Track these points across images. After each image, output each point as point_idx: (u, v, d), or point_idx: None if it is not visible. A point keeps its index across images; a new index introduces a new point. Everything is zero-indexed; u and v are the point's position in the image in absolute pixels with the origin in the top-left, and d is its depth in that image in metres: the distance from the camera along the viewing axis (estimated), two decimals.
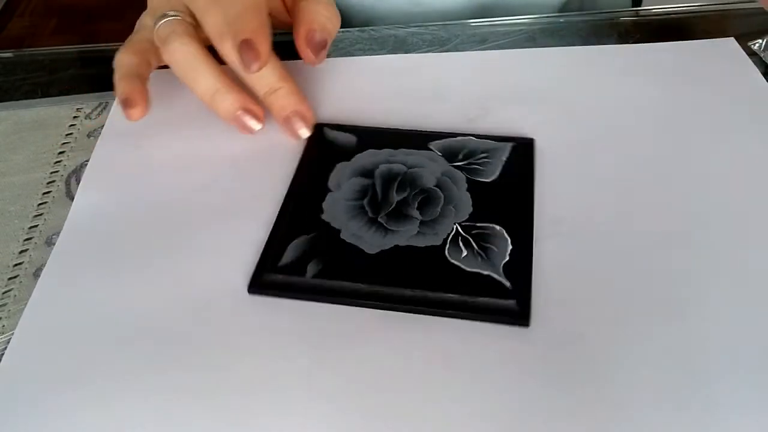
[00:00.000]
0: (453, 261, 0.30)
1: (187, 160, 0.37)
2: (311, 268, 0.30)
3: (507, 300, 0.29)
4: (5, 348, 0.29)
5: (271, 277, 0.30)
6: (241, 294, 0.30)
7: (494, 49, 0.42)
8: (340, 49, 0.44)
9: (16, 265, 0.32)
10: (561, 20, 0.44)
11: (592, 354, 0.27)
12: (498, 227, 0.31)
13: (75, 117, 0.40)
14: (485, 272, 0.29)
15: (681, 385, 0.26)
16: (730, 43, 0.41)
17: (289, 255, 0.31)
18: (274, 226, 0.32)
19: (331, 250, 0.31)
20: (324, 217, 0.32)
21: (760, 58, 0.40)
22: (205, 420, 0.26)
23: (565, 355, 0.27)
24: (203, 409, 0.26)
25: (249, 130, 0.36)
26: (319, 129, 0.37)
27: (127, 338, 0.29)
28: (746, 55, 0.39)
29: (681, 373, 0.26)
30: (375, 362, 0.27)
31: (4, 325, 0.30)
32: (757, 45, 0.41)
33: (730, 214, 0.32)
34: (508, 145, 0.35)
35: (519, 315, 0.28)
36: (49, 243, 0.33)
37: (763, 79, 0.38)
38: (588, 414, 0.25)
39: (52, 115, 0.41)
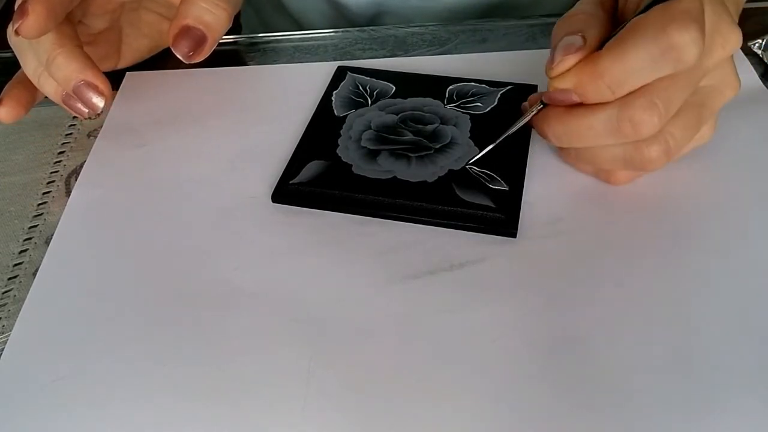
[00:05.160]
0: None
1: (187, 157, 0.37)
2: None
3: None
4: (4, 347, 0.29)
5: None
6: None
7: (494, 50, 0.42)
8: (340, 49, 0.44)
9: (16, 265, 0.33)
10: None
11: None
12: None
13: (75, 117, 0.41)
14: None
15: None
16: None
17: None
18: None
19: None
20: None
21: (760, 57, 0.40)
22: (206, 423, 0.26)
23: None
24: (203, 411, 0.26)
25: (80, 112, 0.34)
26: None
27: (126, 335, 0.29)
28: (743, 56, 0.39)
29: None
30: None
31: (4, 325, 0.30)
32: (756, 45, 0.41)
33: (729, 211, 0.32)
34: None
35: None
36: (49, 243, 0.33)
37: (760, 81, 0.38)
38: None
39: (52, 115, 0.41)
